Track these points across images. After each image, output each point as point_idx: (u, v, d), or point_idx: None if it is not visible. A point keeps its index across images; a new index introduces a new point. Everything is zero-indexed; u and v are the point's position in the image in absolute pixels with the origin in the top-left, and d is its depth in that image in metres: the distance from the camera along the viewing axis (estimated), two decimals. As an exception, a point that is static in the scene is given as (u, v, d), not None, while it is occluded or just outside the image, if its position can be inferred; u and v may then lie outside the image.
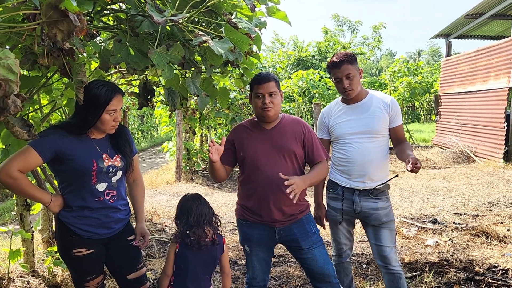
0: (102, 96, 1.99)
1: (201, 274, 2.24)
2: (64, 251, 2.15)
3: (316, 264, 2.40)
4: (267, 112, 2.32)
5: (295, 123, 2.46)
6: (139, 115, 20.21)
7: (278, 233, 2.42)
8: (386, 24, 31.59)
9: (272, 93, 2.31)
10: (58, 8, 1.08)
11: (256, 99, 2.35)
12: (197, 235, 2.17)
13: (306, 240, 2.41)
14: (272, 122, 2.42)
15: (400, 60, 23.26)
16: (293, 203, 2.36)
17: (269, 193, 2.32)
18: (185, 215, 2.23)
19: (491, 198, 6.46)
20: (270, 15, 2.48)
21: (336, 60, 2.58)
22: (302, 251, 2.42)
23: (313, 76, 15.85)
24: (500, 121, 9.73)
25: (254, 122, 2.48)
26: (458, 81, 12.21)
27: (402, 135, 2.70)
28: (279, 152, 2.36)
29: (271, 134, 2.39)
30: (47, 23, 1.10)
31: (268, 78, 2.33)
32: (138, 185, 2.46)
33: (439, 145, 13.00)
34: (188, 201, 2.28)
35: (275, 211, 2.35)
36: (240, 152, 2.42)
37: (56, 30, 1.12)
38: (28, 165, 1.95)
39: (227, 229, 5.37)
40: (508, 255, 4.02)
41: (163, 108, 9.76)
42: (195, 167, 9.58)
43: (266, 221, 2.40)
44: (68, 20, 1.10)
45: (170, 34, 2.17)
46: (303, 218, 2.46)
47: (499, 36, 13.60)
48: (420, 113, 27.78)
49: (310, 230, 2.45)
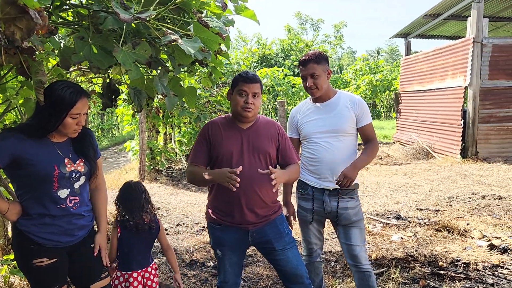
0: (67, 98, 1.87)
1: (143, 254, 2.55)
2: (23, 262, 2.01)
3: (289, 265, 2.38)
4: (247, 112, 2.28)
5: (270, 125, 2.45)
6: (99, 113, 19.62)
7: (251, 235, 2.38)
8: (347, 23, 32.22)
9: (256, 94, 2.29)
10: (16, 3, 0.98)
11: (238, 97, 2.28)
12: (135, 220, 2.48)
13: (279, 241, 2.38)
14: (248, 122, 2.38)
15: (361, 58, 23.77)
16: (266, 205, 2.34)
17: (241, 194, 2.26)
18: (126, 201, 2.54)
19: (450, 193, 6.69)
20: (238, 13, 2.42)
21: (303, 58, 2.61)
22: (275, 252, 2.39)
23: (277, 73, 15.94)
24: (457, 118, 10.12)
25: (229, 119, 2.41)
26: (417, 79, 12.59)
27: (370, 135, 2.72)
28: (254, 152, 2.32)
29: (247, 134, 2.35)
30: (3, 20, 0.99)
31: (255, 79, 2.30)
32: (101, 191, 2.32)
33: (399, 141, 13.38)
34: (129, 189, 2.57)
35: (248, 213, 2.31)
36: (214, 150, 2.34)
37: (14, 28, 1.01)
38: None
39: (193, 229, 5.28)
40: (469, 248, 4.16)
41: (125, 107, 9.49)
42: (159, 166, 9.37)
43: (238, 223, 2.35)
44: (28, 17, 1.00)
45: (135, 32, 2.07)
46: (276, 219, 2.44)
47: (455, 36, 14.13)
48: (380, 110, 28.52)
49: (283, 231, 2.43)
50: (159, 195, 7.58)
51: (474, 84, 9.71)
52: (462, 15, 11.39)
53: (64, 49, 1.99)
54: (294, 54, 25.79)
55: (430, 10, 11.55)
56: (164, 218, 5.88)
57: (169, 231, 5.18)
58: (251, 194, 2.25)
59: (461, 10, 10.81)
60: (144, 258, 2.55)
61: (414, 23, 12.78)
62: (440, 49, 11.29)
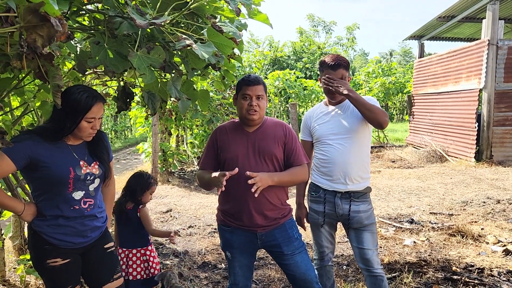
0: (82, 102, 1.91)
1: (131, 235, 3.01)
2: (38, 262, 2.05)
3: (298, 270, 2.37)
4: (252, 115, 2.29)
5: (277, 126, 2.44)
6: (113, 115, 19.82)
7: (260, 239, 2.38)
8: (359, 25, 32.08)
9: (260, 96, 2.29)
10: (38, 12, 1.01)
11: (242, 100, 2.30)
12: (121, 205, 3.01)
13: (288, 246, 2.38)
14: (255, 125, 2.39)
15: (374, 61, 23.64)
16: (275, 207, 2.34)
17: (248, 197, 2.27)
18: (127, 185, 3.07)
19: (464, 197, 6.61)
20: (252, 17, 2.43)
21: (334, 62, 2.58)
22: (284, 257, 2.39)
23: (289, 76, 15.92)
24: (471, 121, 10.00)
25: (236, 124, 2.44)
26: (431, 82, 12.48)
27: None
28: (260, 155, 2.33)
29: (253, 137, 2.36)
30: (25, 27, 1.02)
31: (258, 81, 2.30)
32: (110, 186, 2.40)
33: (412, 144, 13.26)
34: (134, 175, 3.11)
35: (256, 216, 2.31)
36: (221, 155, 2.38)
37: (36, 35, 1.04)
38: (1, 172, 1.85)
39: (205, 231, 5.30)
40: (483, 254, 4.11)
41: (138, 109, 9.59)
42: (171, 168, 9.44)
43: (247, 226, 2.35)
44: (48, 25, 1.02)
45: (150, 36, 2.10)
46: (286, 223, 2.43)
47: (470, 39, 13.98)
48: (393, 113, 28.32)
49: (292, 235, 2.42)
50: (171, 197, 7.63)
51: (489, 87, 9.59)
52: (477, 17, 11.26)
53: (80, 53, 2.03)
54: (306, 57, 25.77)
55: (444, 12, 11.45)
56: (176, 220, 5.92)
57: (181, 233, 5.22)
58: (259, 197, 2.24)
59: (475, 12, 10.70)
60: (133, 239, 3.00)
61: (428, 25, 12.68)
62: (454, 51, 11.17)
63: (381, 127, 2.57)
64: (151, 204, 6.96)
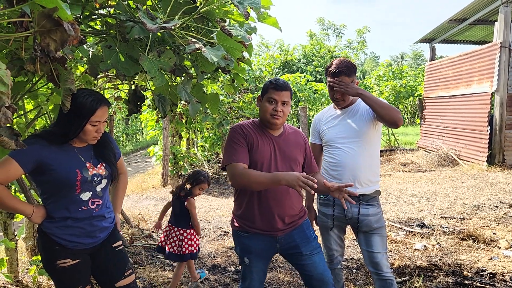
0: (87, 106, 1.93)
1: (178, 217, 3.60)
2: (48, 263, 2.08)
3: (316, 271, 2.36)
4: (276, 120, 2.28)
5: (297, 133, 2.47)
6: (124, 119, 20.01)
7: (280, 242, 2.38)
8: (370, 28, 31.96)
9: (286, 102, 2.29)
10: (51, 17, 1.04)
11: (267, 104, 2.28)
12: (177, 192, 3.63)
13: (306, 246, 2.38)
14: (278, 130, 2.39)
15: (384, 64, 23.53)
16: (294, 211, 2.36)
17: (273, 203, 2.28)
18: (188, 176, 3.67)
19: (476, 201, 6.54)
20: (261, 21, 2.45)
21: (334, 70, 2.59)
22: (302, 257, 2.38)
23: (299, 79, 15.94)
24: (484, 125, 9.89)
25: (258, 125, 2.39)
26: (442, 85, 12.38)
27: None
28: (286, 161, 2.33)
29: (279, 142, 2.35)
30: (39, 32, 1.05)
31: (286, 86, 2.29)
32: (124, 175, 2.46)
33: (424, 148, 13.15)
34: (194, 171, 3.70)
35: (279, 221, 2.32)
36: (249, 154, 2.28)
37: (49, 40, 1.07)
38: (9, 176, 1.88)
39: (215, 234, 5.32)
40: (495, 258, 4.06)
41: (149, 112, 9.67)
42: (182, 171, 9.49)
43: (267, 231, 2.34)
44: (61, 29, 1.05)
45: (160, 40, 2.13)
46: (303, 224, 2.44)
47: (481, 41, 13.86)
48: (404, 116, 28.11)
49: (310, 236, 2.43)
50: (181, 199, 7.66)
51: (501, 90, 9.49)
52: (489, 20, 11.16)
53: (92, 57, 2.07)
54: (316, 60, 25.74)
55: (455, 15, 11.37)
56: (186, 223, 5.94)
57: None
58: (283, 203, 2.24)
59: (487, 14, 10.61)
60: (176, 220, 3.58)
61: (439, 28, 12.60)
62: (465, 54, 11.08)
63: (396, 125, 2.48)
64: (161, 206, 6.99)
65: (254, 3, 1.89)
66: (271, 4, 2.35)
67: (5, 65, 0.96)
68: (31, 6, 1.23)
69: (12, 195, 1.96)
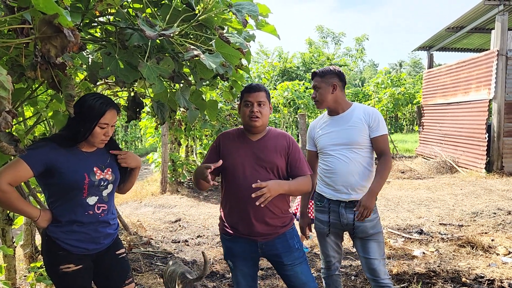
0: (97, 108, 1.98)
1: None
2: (51, 267, 2.09)
3: (298, 282, 2.36)
4: (254, 121, 2.29)
5: (280, 136, 2.44)
6: (123, 126, 20.02)
7: (260, 247, 2.37)
8: (368, 36, 32.16)
9: (261, 102, 2.31)
10: (52, 23, 1.06)
11: (244, 108, 2.33)
12: None
13: (288, 256, 2.36)
14: (258, 134, 2.39)
15: (383, 71, 23.64)
16: (275, 215, 2.34)
17: (248, 206, 2.26)
18: None
19: (474, 208, 6.55)
20: (259, 28, 2.47)
21: (312, 72, 2.81)
22: (284, 267, 2.38)
23: (298, 87, 15.98)
24: (482, 132, 9.93)
25: (240, 131, 2.45)
26: (440, 92, 12.44)
27: (383, 147, 2.64)
28: (261, 164, 2.32)
29: (255, 146, 2.36)
30: (40, 38, 1.07)
31: (259, 88, 2.33)
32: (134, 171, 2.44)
33: (422, 155, 13.18)
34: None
35: (257, 224, 2.30)
36: (222, 160, 2.33)
37: (50, 46, 1.09)
38: (19, 178, 1.91)
39: (214, 241, 5.32)
40: (493, 265, 4.06)
41: (148, 119, 9.68)
42: (181, 178, 9.49)
43: (247, 235, 2.34)
44: (62, 36, 1.08)
45: (159, 47, 2.15)
46: (286, 233, 2.41)
47: (479, 49, 13.94)
48: (403, 124, 28.18)
49: (293, 246, 2.40)
50: (180, 206, 7.66)
51: (498, 97, 9.54)
52: (486, 28, 11.24)
53: (92, 64, 2.09)
54: (315, 68, 25.86)
55: (453, 23, 11.45)
56: (185, 230, 5.95)
57: (190, 243, 5.24)
58: (259, 206, 2.22)
59: (484, 22, 10.68)
60: None
61: (437, 35, 12.68)
62: (463, 62, 11.15)
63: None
64: (160, 213, 7.00)
65: (252, 11, 1.91)
66: (270, 12, 2.38)
67: (6, 70, 0.98)
68: (32, 13, 1.25)
69: (20, 197, 1.98)
